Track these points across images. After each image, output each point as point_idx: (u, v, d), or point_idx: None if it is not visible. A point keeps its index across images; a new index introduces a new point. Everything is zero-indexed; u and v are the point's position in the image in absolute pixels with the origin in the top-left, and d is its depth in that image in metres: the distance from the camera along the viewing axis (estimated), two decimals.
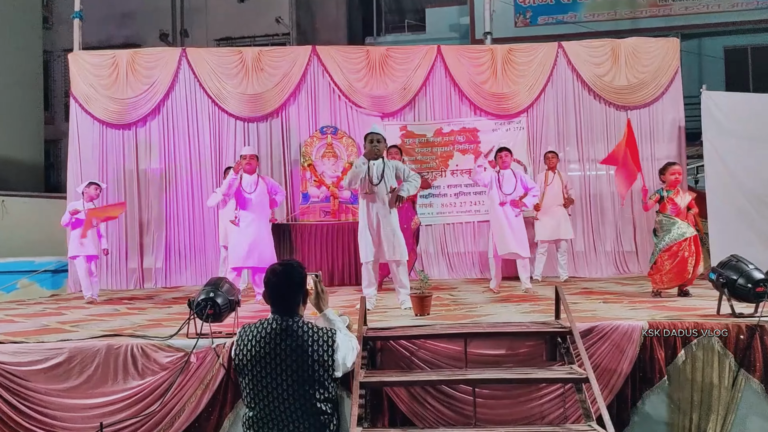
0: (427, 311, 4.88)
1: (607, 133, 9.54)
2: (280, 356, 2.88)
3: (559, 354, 3.67)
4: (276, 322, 2.94)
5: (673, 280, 5.84)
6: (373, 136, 5.58)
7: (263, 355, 2.89)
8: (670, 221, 5.98)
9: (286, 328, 2.92)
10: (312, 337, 2.93)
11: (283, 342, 2.89)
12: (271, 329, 2.92)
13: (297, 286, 3.03)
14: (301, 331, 2.93)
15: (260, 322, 2.98)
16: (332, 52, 9.71)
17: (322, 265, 8.57)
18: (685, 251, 5.80)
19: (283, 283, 2.98)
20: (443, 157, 9.56)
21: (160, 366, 3.80)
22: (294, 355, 2.89)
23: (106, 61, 9.53)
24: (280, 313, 2.97)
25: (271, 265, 3.11)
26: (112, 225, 9.17)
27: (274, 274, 3.01)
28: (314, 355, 2.90)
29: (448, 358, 3.76)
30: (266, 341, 2.90)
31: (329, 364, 2.91)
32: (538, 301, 5.61)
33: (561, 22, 15.76)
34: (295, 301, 3.01)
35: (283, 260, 3.16)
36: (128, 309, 6.26)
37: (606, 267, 9.17)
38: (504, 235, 6.73)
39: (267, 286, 3.03)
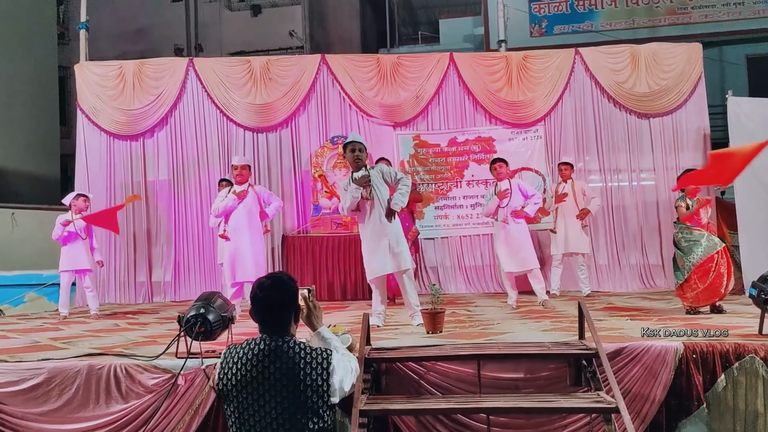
0: (439, 328, 4.54)
1: (629, 141, 9.19)
2: (269, 381, 2.58)
3: (585, 378, 3.30)
4: (264, 342, 2.63)
5: (708, 298, 5.40)
6: (354, 145, 5.23)
7: (250, 379, 2.58)
8: (695, 232, 5.55)
9: (276, 349, 2.61)
10: (305, 359, 2.62)
11: (273, 365, 2.59)
12: (259, 350, 2.62)
13: (288, 302, 2.72)
14: (292, 352, 2.62)
15: (247, 343, 2.67)
16: (342, 61, 9.48)
17: (334, 279, 8.28)
18: (720, 266, 5.37)
19: (272, 298, 2.68)
20: (458, 167, 9.24)
21: (145, 388, 3.49)
22: (285, 379, 2.58)
23: (113, 71, 9.39)
24: (269, 333, 2.67)
25: (258, 278, 2.80)
26: (121, 237, 8.99)
27: (262, 288, 2.70)
28: (307, 379, 2.59)
29: (460, 381, 3.40)
30: (253, 364, 2.59)
31: (324, 390, 2.60)
32: (559, 318, 5.22)
33: (577, 31, 15.43)
34: (285, 318, 2.71)
35: (272, 273, 2.83)
36: (129, 324, 5.98)
37: (631, 281, 8.77)
38: (504, 252, 6.48)
39: (254, 303, 2.71)
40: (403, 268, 5.13)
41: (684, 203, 5.70)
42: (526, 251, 6.46)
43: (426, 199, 9.05)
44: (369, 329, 3.56)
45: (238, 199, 6.29)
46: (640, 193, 9.10)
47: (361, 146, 5.26)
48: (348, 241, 8.35)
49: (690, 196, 5.70)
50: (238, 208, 6.33)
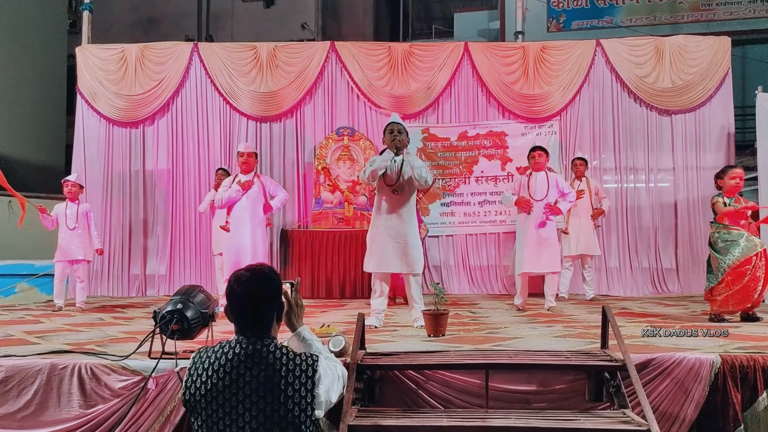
0: (441, 331, 4.15)
1: (648, 139, 8.74)
2: (243, 391, 2.20)
3: (607, 393, 2.89)
4: (240, 345, 2.25)
5: (741, 302, 4.92)
6: (393, 126, 4.86)
7: (222, 389, 2.20)
8: (734, 232, 5.05)
9: (254, 354, 2.23)
10: (287, 365, 2.23)
11: (249, 372, 2.21)
12: (234, 355, 2.23)
13: (269, 299, 2.34)
14: (272, 357, 2.23)
15: (220, 346, 2.29)
16: (352, 49, 9.10)
17: (333, 276, 7.90)
18: (758, 269, 4.91)
19: (251, 294, 2.30)
20: (467, 162, 8.83)
21: (111, 392, 3.12)
22: (263, 389, 2.20)
23: (115, 55, 9.06)
24: (245, 334, 2.28)
25: (236, 271, 2.40)
26: (115, 228, 8.68)
27: (240, 282, 2.32)
28: (289, 389, 2.20)
29: (463, 393, 3.00)
30: (226, 371, 2.21)
31: (308, 402, 2.22)
32: (572, 323, 4.81)
33: (596, 27, 14.95)
34: (266, 318, 2.33)
35: (251, 265, 2.44)
36: (113, 318, 5.64)
37: (642, 285, 8.33)
38: (526, 250, 6.00)
39: (230, 298, 2.33)
40: (415, 270, 4.77)
41: (721, 200, 5.23)
42: (554, 252, 6.03)
43: (432, 196, 8.66)
44: (364, 331, 3.17)
45: (242, 189, 5.93)
46: (656, 194, 8.66)
47: (401, 128, 4.87)
48: (349, 237, 7.99)
49: (728, 195, 5.24)
50: (245, 199, 5.98)
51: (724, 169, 5.38)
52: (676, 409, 3.01)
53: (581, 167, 7.57)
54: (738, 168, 5.41)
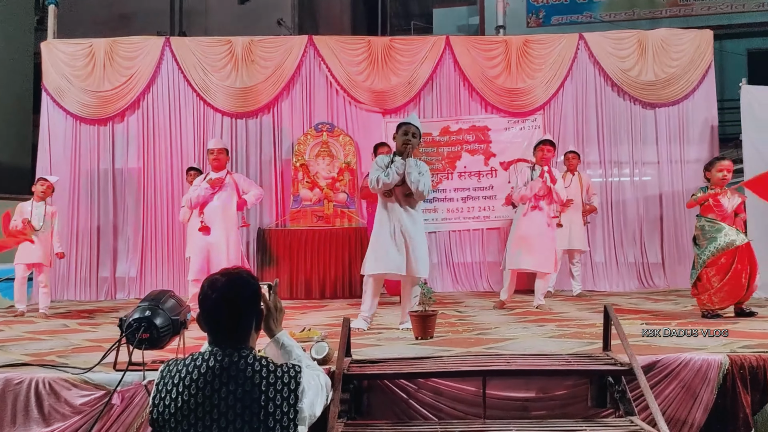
0: (430, 333, 3.93)
1: (632, 132, 8.62)
2: (219, 408, 1.95)
3: (611, 399, 2.69)
4: (215, 357, 2.01)
5: (725, 299, 4.80)
6: (408, 127, 4.57)
7: (194, 406, 1.95)
8: (714, 227, 4.94)
9: (230, 367, 1.99)
10: (267, 378, 1.99)
11: (225, 387, 1.97)
12: (207, 368, 1.99)
13: (248, 305, 2.10)
14: (251, 370, 1.99)
15: (192, 358, 2.04)
16: (331, 43, 8.84)
17: (313, 275, 7.64)
18: (737, 263, 4.79)
19: (227, 300, 2.05)
20: (450, 157, 8.63)
21: (72, 408, 2.83)
22: (240, 406, 1.95)
23: (82, 50, 8.68)
24: (220, 345, 2.04)
25: (210, 276, 2.16)
26: (83, 230, 8.32)
27: (214, 287, 2.08)
28: (269, 405, 1.96)
29: (458, 402, 2.79)
30: (199, 386, 1.97)
31: (291, 418, 1.98)
32: (565, 322, 4.61)
33: (576, 22, 14.90)
34: (244, 326, 2.09)
35: (227, 269, 2.20)
36: (79, 324, 5.31)
37: (628, 280, 8.21)
38: (521, 246, 5.79)
39: (203, 305, 2.08)
40: (420, 274, 4.50)
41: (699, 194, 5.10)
42: (548, 252, 5.83)
43: None
44: (350, 338, 2.93)
45: (210, 188, 5.65)
46: (641, 188, 8.56)
47: (416, 131, 4.60)
48: (328, 236, 7.74)
49: (716, 187, 5.09)
50: (215, 198, 5.71)
51: (712, 162, 5.26)
52: (683, 414, 2.82)
53: (574, 161, 7.42)
54: (726, 160, 5.30)
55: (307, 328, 4.16)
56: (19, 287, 6.23)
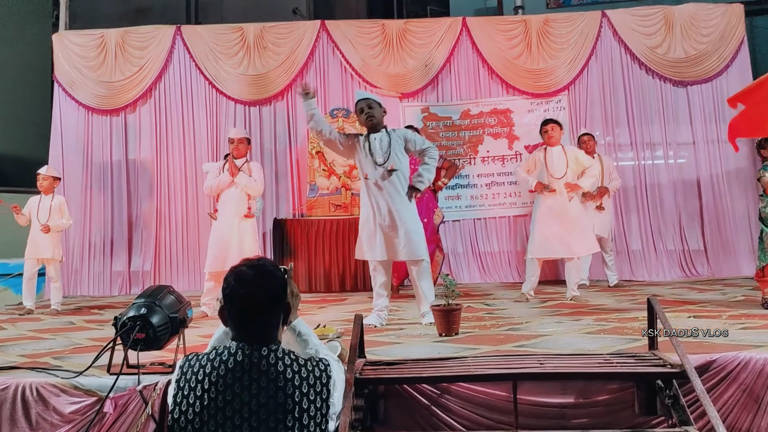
0: (455, 329, 3.64)
1: (664, 112, 8.22)
2: (249, 407, 1.79)
3: (662, 405, 2.38)
4: (243, 352, 1.86)
5: None
6: (363, 103, 4.36)
7: (222, 404, 1.79)
8: None
9: (260, 362, 1.84)
10: (299, 373, 1.85)
11: (256, 383, 1.81)
12: (236, 363, 1.83)
13: (277, 301, 1.95)
14: (282, 365, 1.85)
15: (216, 353, 1.88)
16: (344, 27, 8.59)
17: (332, 267, 7.37)
18: None
19: (258, 297, 1.90)
20: (472, 142, 8.29)
21: (61, 417, 2.60)
22: (273, 403, 1.80)
23: (94, 41, 8.55)
24: (248, 341, 1.89)
25: (234, 268, 1.98)
26: (96, 222, 8.15)
27: (242, 281, 1.91)
28: (304, 401, 1.82)
29: (487, 409, 2.50)
30: (227, 382, 1.81)
31: (323, 413, 1.85)
32: (603, 315, 4.26)
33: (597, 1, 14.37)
34: (272, 322, 1.95)
35: (250, 260, 2.02)
36: (86, 322, 5.10)
37: (669, 269, 7.76)
38: (542, 232, 5.47)
39: (231, 301, 1.93)
40: (416, 257, 4.22)
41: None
42: (576, 234, 5.44)
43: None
44: (363, 336, 2.65)
45: (231, 175, 5.43)
46: (677, 170, 8.13)
47: (370, 102, 4.36)
48: (348, 225, 7.45)
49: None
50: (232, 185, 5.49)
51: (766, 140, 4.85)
52: (745, 423, 2.50)
53: (590, 143, 7.01)
54: None
55: (322, 325, 3.90)
56: (28, 283, 6.05)
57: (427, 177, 4.31)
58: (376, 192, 4.28)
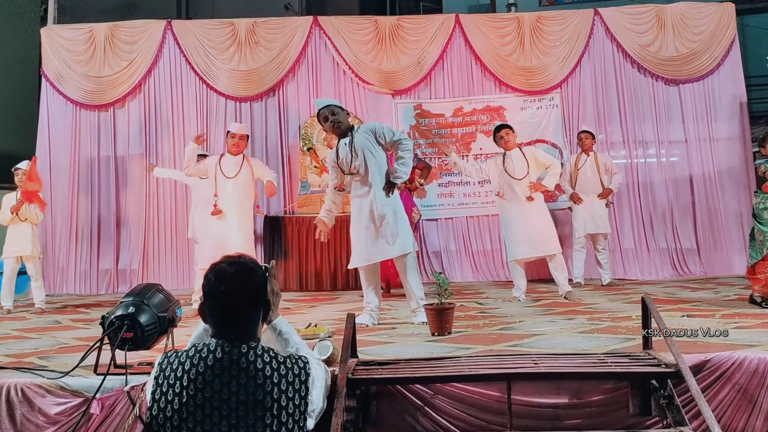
0: (447, 329, 3.60)
1: (656, 110, 8.22)
2: (228, 404, 1.80)
3: (656, 405, 2.35)
4: (222, 349, 1.85)
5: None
6: (325, 110, 4.31)
7: (201, 402, 1.79)
8: None
9: (239, 360, 1.84)
10: (278, 370, 1.85)
11: (235, 381, 1.81)
12: (215, 361, 1.83)
13: (257, 298, 1.96)
14: (261, 362, 1.85)
15: (195, 350, 1.87)
16: (336, 23, 8.53)
17: (323, 265, 7.31)
18: None
19: (237, 294, 1.91)
20: (465, 139, 8.26)
21: (47, 418, 2.54)
22: (252, 400, 1.80)
23: (82, 35, 8.47)
24: (227, 338, 1.88)
25: (215, 265, 1.98)
26: (83, 219, 8.05)
27: (222, 278, 1.91)
28: (282, 398, 1.82)
29: (481, 410, 2.46)
30: (206, 380, 1.81)
31: (302, 410, 1.84)
32: (596, 314, 4.23)
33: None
34: (252, 319, 1.95)
35: (231, 257, 2.01)
36: (72, 321, 5.02)
37: (661, 267, 7.76)
38: (515, 234, 5.47)
39: (212, 298, 1.92)
40: (402, 252, 4.18)
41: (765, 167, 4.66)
42: (546, 233, 5.45)
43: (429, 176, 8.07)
44: (355, 335, 2.61)
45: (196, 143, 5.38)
46: (669, 168, 8.13)
47: (333, 108, 4.32)
48: (340, 223, 7.35)
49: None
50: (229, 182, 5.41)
51: (765, 137, 4.82)
52: (740, 423, 2.47)
53: (587, 141, 6.95)
54: None
55: (313, 324, 3.85)
56: (7, 283, 5.90)
57: (403, 171, 4.23)
58: (356, 197, 4.29)
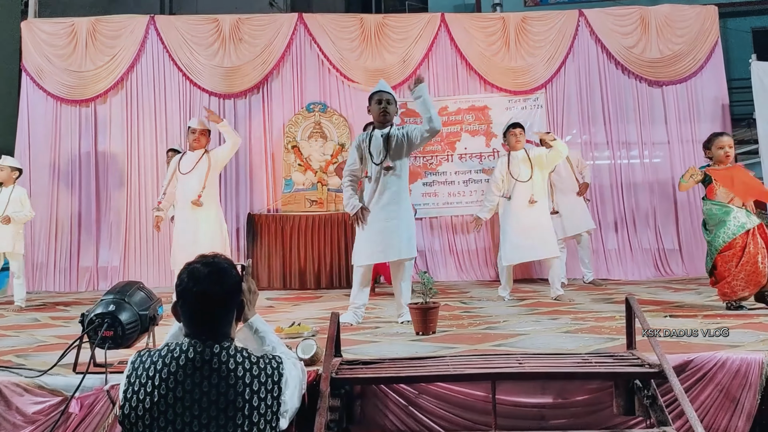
0: (432, 328, 3.59)
1: (639, 111, 8.28)
2: (200, 404, 1.78)
3: (639, 405, 2.36)
4: (194, 349, 1.83)
5: (745, 286, 4.40)
6: (381, 95, 4.25)
7: (172, 401, 1.77)
8: (723, 209, 4.55)
9: (211, 359, 1.82)
10: (250, 371, 1.84)
11: (207, 381, 1.80)
12: (187, 360, 1.81)
13: (230, 298, 1.94)
14: (233, 362, 1.83)
15: (168, 349, 1.85)
16: (321, 20, 8.49)
17: (307, 264, 7.27)
18: (751, 247, 4.41)
19: (210, 294, 1.88)
20: (449, 139, 8.26)
21: (24, 417, 2.48)
22: (224, 400, 1.79)
23: (64, 29, 8.34)
24: (200, 337, 1.86)
25: (188, 264, 1.95)
26: (63, 216, 7.93)
27: (196, 279, 1.88)
28: (254, 398, 1.81)
29: (465, 409, 2.45)
30: (178, 380, 1.79)
31: (274, 411, 1.83)
32: (580, 315, 4.24)
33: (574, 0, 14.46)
34: (225, 319, 1.92)
35: (205, 256, 1.98)
36: (51, 319, 4.93)
37: (644, 268, 7.81)
38: (511, 238, 5.47)
39: (184, 297, 1.90)
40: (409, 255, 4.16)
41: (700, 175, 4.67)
42: (544, 237, 5.43)
43: (413, 175, 8.06)
44: (339, 334, 2.58)
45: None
46: (652, 170, 8.19)
47: (389, 97, 4.27)
48: (323, 221, 7.38)
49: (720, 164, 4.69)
50: (188, 178, 5.38)
51: (711, 138, 4.81)
52: (722, 423, 2.48)
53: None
54: (724, 135, 4.84)
55: (297, 323, 3.82)
56: None
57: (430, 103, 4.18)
58: (374, 191, 4.21)
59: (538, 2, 14.92)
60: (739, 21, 14.49)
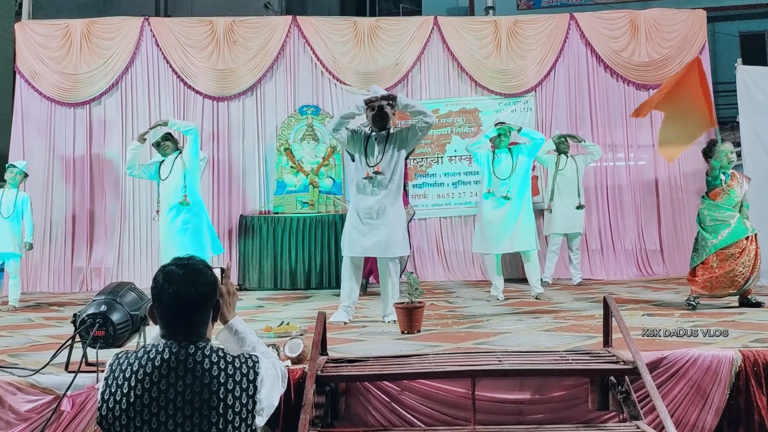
0: (417, 327, 3.68)
1: (626, 114, 8.36)
2: (175, 403, 1.83)
3: (614, 401, 2.46)
4: (170, 350, 1.87)
5: (724, 286, 4.51)
6: (373, 102, 4.26)
7: (148, 402, 1.82)
8: (725, 213, 4.63)
9: (186, 360, 1.86)
10: (225, 370, 1.88)
11: (182, 381, 1.84)
12: (162, 361, 1.85)
13: (206, 300, 1.96)
14: (208, 362, 1.87)
15: (144, 351, 1.90)
16: (315, 23, 8.57)
17: (298, 265, 7.36)
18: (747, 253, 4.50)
19: (185, 295, 1.91)
20: (440, 141, 8.36)
21: (17, 415, 2.56)
22: (198, 400, 1.84)
23: (58, 31, 8.38)
24: (176, 338, 1.90)
25: (164, 267, 1.99)
26: (57, 217, 7.99)
27: (171, 280, 1.92)
28: (229, 398, 1.85)
29: (447, 405, 2.54)
30: (153, 380, 1.84)
31: (249, 409, 1.88)
32: (561, 314, 4.35)
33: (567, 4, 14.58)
34: (201, 320, 1.95)
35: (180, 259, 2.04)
36: (45, 319, 5.01)
37: (626, 268, 7.96)
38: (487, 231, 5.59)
39: (159, 299, 1.93)
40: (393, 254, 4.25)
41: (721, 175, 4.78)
42: (524, 228, 5.52)
43: None
44: (325, 333, 2.67)
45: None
46: (636, 172, 8.34)
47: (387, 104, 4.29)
48: (315, 223, 7.47)
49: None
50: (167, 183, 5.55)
51: (711, 146, 4.94)
52: (693, 417, 2.59)
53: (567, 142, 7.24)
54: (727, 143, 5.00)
55: (286, 322, 3.90)
56: None
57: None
58: (366, 189, 4.28)
59: (530, 6, 15.05)
60: (727, 25, 14.64)
